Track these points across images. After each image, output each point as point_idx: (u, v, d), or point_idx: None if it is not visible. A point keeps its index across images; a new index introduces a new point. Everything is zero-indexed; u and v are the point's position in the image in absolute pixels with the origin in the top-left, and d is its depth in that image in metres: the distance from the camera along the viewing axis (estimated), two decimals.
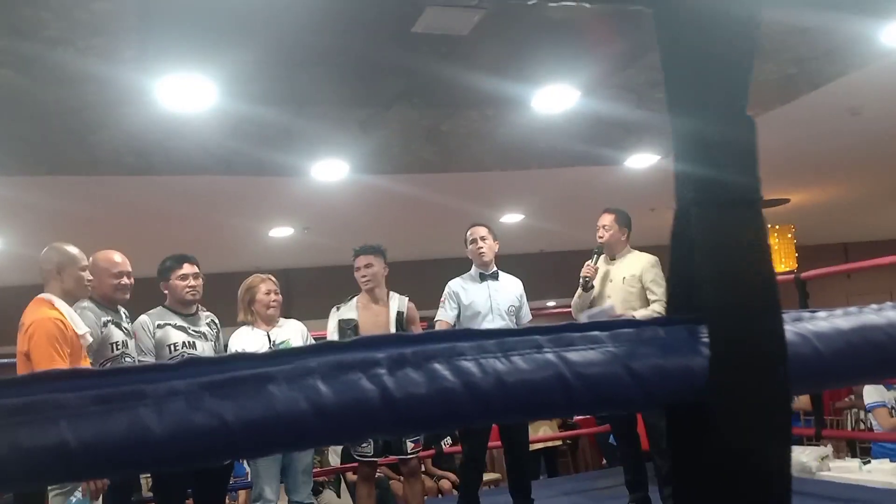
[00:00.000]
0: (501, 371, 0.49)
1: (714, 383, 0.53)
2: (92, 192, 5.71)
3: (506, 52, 4.20)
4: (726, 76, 0.55)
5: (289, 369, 0.46)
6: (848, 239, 11.76)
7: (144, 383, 0.44)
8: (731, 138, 0.55)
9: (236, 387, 0.45)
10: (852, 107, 5.59)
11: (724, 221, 0.55)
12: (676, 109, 0.58)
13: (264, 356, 0.47)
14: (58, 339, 3.16)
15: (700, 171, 0.55)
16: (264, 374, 0.46)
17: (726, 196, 0.54)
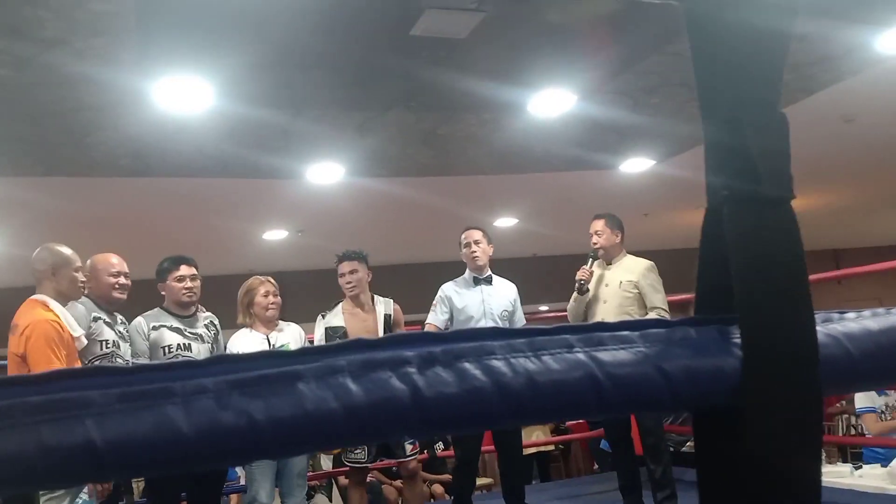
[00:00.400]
0: (532, 371, 0.48)
1: (747, 386, 0.52)
2: (87, 193, 5.68)
3: (503, 56, 4.20)
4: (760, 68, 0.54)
5: (318, 367, 0.45)
6: (839, 245, 11.82)
7: (172, 381, 0.42)
8: (765, 134, 0.54)
9: (265, 385, 0.44)
10: (846, 114, 5.62)
11: (757, 219, 0.54)
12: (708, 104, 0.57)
13: (293, 353, 0.46)
14: (55, 341, 3.14)
15: (733, 168, 0.55)
16: (293, 372, 0.45)
17: (760, 194, 0.53)
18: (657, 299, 4.30)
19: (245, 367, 0.44)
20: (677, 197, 7.75)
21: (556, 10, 3.63)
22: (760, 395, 0.52)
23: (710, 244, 0.58)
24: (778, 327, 0.53)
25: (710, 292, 0.58)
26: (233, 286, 6.48)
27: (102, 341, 3.53)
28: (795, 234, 0.55)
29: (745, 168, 0.54)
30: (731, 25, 0.55)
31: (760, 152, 0.54)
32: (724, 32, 0.55)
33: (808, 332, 0.54)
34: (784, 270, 0.54)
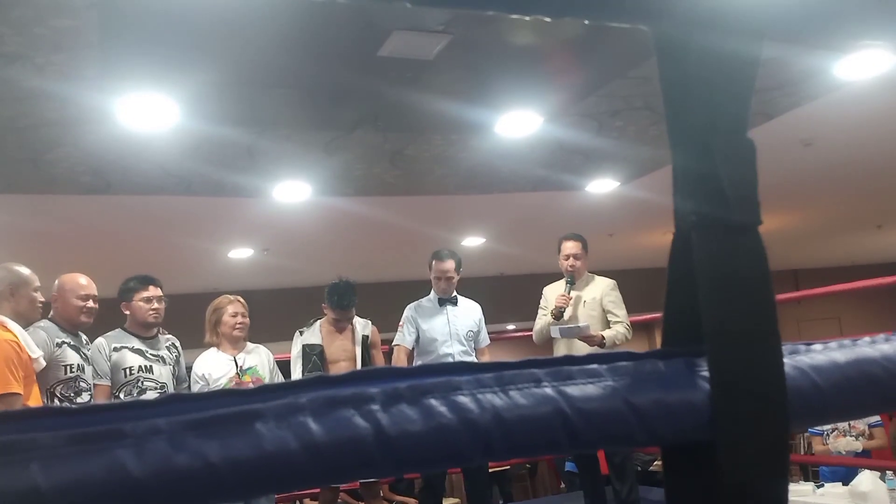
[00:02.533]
0: (500, 407, 0.47)
1: (718, 419, 0.52)
2: (47, 209, 5.57)
3: (470, 77, 4.22)
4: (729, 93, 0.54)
5: (277, 406, 0.43)
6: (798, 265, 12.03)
7: (123, 421, 0.40)
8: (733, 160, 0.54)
9: (222, 425, 0.42)
10: (805, 138, 5.74)
11: (725, 246, 0.53)
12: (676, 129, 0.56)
13: (251, 392, 0.44)
14: (13, 363, 3.07)
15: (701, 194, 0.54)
16: (251, 412, 0.43)
17: (728, 220, 0.53)
18: (620, 315, 4.37)
19: (201, 406, 0.43)
20: (641, 218, 7.84)
21: (523, 33, 3.66)
22: (731, 428, 0.52)
23: (678, 270, 0.57)
24: (746, 359, 0.53)
25: (678, 320, 0.58)
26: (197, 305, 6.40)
27: (66, 365, 3.46)
28: (763, 260, 0.54)
29: (713, 194, 0.54)
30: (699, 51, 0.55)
31: (729, 178, 0.54)
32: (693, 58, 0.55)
33: (775, 364, 0.53)
34: (751, 298, 0.54)
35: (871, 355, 0.58)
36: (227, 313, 3.98)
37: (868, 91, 4.72)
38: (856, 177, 6.95)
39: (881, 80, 4.55)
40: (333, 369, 4.18)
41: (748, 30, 0.54)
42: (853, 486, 4.29)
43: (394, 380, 0.47)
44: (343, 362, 4.22)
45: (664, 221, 8.13)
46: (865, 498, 4.18)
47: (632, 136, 5.30)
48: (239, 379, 3.97)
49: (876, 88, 4.67)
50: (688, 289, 0.55)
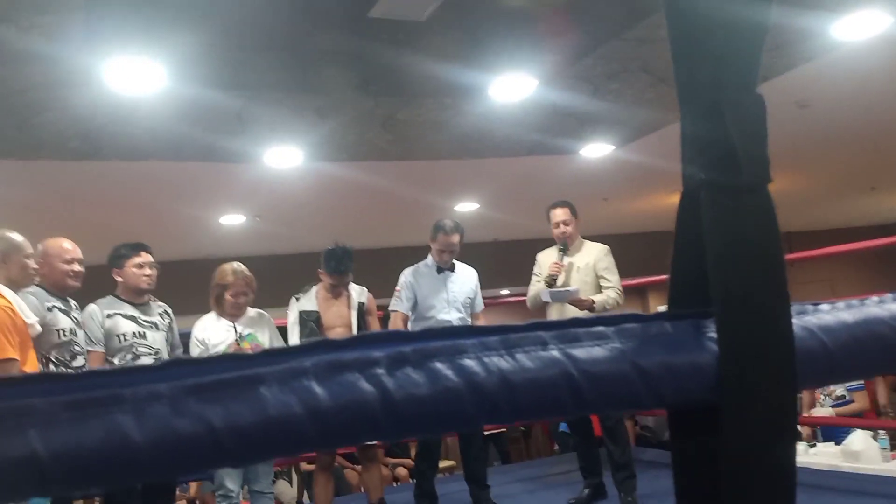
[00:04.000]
0: (506, 370, 0.46)
1: (723, 381, 0.51)
2: (35, 176, 5.51)
3: (463, 39, 4.16)
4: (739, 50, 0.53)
5: (281, 370, 0.42)
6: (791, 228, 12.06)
7: (122, 386, 0.39)
8: (743, 117, 0.52)
9: (224, 389, 0.41)
10: (801, 99, 5.70)
11: (734, 205, 0.52)
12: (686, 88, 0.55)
13: (254, 356, 0.43)
14: (8, 328, 3.07)
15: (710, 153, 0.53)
16: (254, 376, 0.42)
17: (737, 179, 0.52)
18: (613, 280, 4.37)
19: (202, 370, 0.41)
20: (636, 182, 7.82)
21: None
22: (737, 390, 0.51)
23: (686, 231, 0.56)
24: (754, 321, 0.52)
25: (686, 281, 0.57)
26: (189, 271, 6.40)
27: (59, 330, 3.45)
28: (773, 220, 0.53)
29: (723, 153, 0.52)
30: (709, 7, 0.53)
31: (739, 136, 0.52)
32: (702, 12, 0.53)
33: (784, 325, 0.52)
34: (761, 259, 0.53)
35: (880, 315, 0.57)
36: (230, 291, 3.98)
37: (864, 52, 4.69)
38: (851, 139, 6.94)
39: (878, 41, 4.51)
40: (330, 335, 4.18)
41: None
42: (846, 445, 4.34)
43: (399, 344, 0.46)
44: (339, 328, 4.22)
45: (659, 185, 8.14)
46: (858, 457, 4.23)
47: (627, 99, 5.26)
48: (237, 346, 3.98)
49: (873, 49, 4.63)
50: (695, 250, 0.54)
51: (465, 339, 0.47)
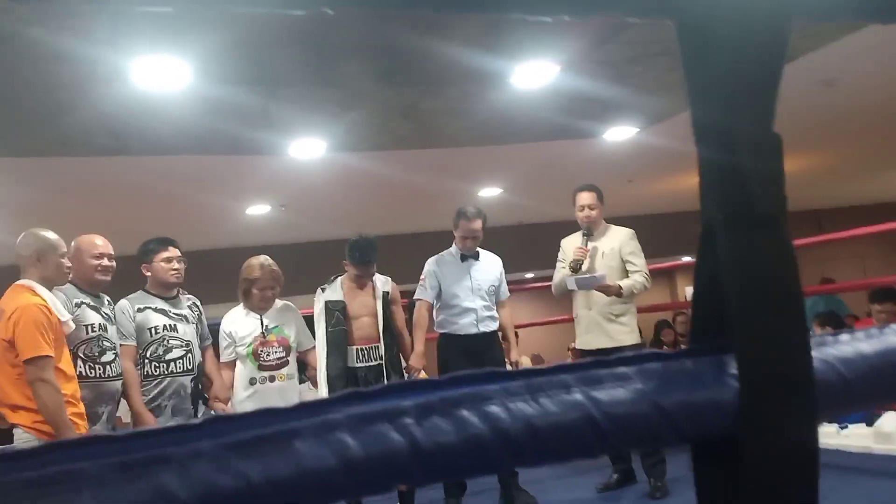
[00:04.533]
0: (530, 415, 0.48)
1: (744, 416, 0.52)
2: (64, 172, 5.60)
3: (484, 27, 4.15)
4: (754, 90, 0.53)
5: (314, 423, 0.45)
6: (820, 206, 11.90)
7: (167, 446, 0.42)
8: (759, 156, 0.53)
9: (262, 445, 0.43)
10: (827, 78, 5.62)
11: (751, 242, 0.53)
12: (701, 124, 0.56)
13: (290, 410, 0.46)
14: (44, 326, 3.13)
15: (726, 190, 0.54)
16: (290, 430, 0.44)
17: (754, 216, 0.53)
18: (639, 264, 4.36)
19: (241, 426, 0.44)
20: (661, 163, 7.76)
21: None
22: (758, 424, 0.52)
23: (705, 267, 0.57)
24: (774, 355, 0.53)
25: (706, 315, 0.58)
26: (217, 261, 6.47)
27: (87, 325, 3.51)
28: (790, 254, 0.54)
29: (739, 190, 0.53)
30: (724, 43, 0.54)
31: (754, 174, 0.53)
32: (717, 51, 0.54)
33: (803, 359, 0.54)
34: (778, 294, 0.54)
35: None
36: (257, 287, 4.04)
37: (891, 29, 4.60)
38: (878, 116, 6.82)
39: None
40: (356, 325, 4.23)
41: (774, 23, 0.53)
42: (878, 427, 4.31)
43: (426, 392, 0.47)
44: (365, 318, 4.26)
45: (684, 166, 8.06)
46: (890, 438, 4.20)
47: (650, 82, 5.22)
48: (264, 338, 4.03)
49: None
50: (715, 284, 0.55)
51: (489, 385, 0.49)
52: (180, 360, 3.82)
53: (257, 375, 4.01)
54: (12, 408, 3.21)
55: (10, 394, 3.20)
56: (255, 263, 4.10)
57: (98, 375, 3.52)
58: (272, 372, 4.03)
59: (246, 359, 4.02)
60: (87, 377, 3.47)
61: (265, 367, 4.02)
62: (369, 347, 4.22)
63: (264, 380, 4.01)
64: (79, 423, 3.26)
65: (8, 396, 3.21)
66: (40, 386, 3.10)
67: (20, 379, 3.16)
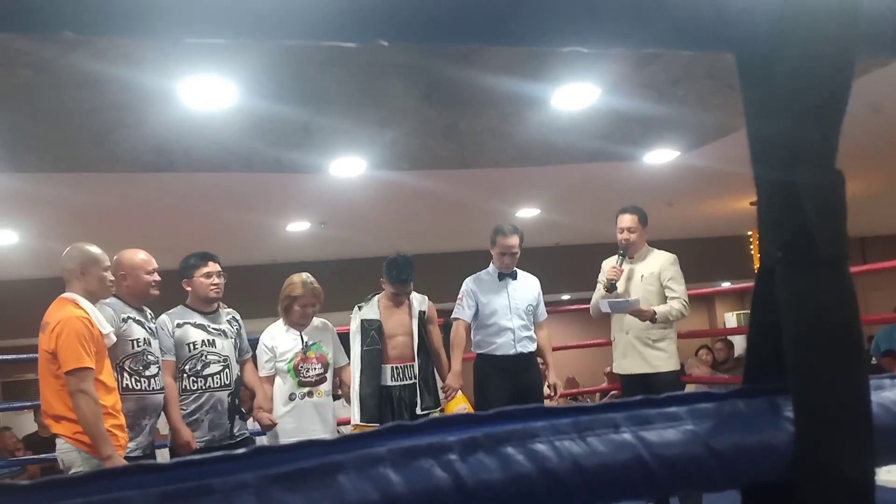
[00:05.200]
0: (578, 454, 0.47)
1: (799, 461, 0.51)
2: (111, 186, 5.72)
3: (526, 50, 4.15)
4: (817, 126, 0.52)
5: (358, 457, 0.44)
6: (865, 233, 11.66)
7: (212, 476, 0.42)
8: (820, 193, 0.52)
9: (305, 478, 0.43)
10: (873, 103, 5.52)
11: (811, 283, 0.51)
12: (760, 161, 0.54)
13: (333, 442, 0.45)
14: (85, 338, 3.19)
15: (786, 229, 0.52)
16: (333, 464, 0.44)
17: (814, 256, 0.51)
18: (678, 290, 4.30)
19: (285, 458, 0.43)
20: (702, 187, 7.68)
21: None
22: (813, 470, 0.50)
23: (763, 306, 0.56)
24: (832, 399, 0.51)
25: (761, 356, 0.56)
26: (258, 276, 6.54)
27: (133, 340, 3.57)
28: (851, 297, 0.53)
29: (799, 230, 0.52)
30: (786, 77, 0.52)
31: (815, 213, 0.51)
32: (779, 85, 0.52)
33: (862, 403, 0.52)
34: (839, 337, 0.52)
35: None
36: (298, 303, 4.09)
37: None
38: None
39: None
40: (391, 343, 4.24)
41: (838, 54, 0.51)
42: None
43: (471, 427, 0.47)
44: (401, 336, 4.27)
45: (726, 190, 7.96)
46: None
47: (693, 104, 5.17)
48: (304, 355, 4.08)
49: None
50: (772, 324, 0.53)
51: (536, 422, 0.48)
52: (218, 374, 3.86)
53: (297, 391, 4.04)
54: (55, 418, 3.27)
55: (54, 404, 3.26)
56: (298, 281, 4.14)
57: (143, 388, 3.57)
58: (311, 388, 4.06)
59: (286, 374, 4.06)
60: (132, 390, 3.53)
61: (305, 382, 4.05)
62: (404, 366, 4.22)
63: (303, 395, 4.04)
64: (118, 434, 3.30)
65: (51, 407, 3.27)
66: (80, 397, 3.15)
67: (63, 390, 3.22)
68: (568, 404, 0.54)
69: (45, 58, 3.53)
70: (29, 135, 4.55)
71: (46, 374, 3.27)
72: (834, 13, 0.54)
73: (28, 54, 3.48)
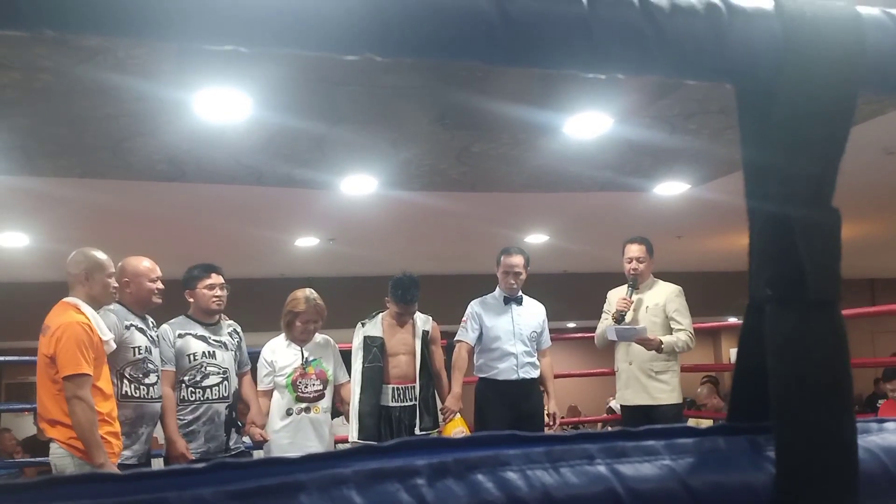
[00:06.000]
0: (549, 485, 0.46)
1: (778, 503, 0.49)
2: (123, 193, 5.75)
3: (541, 78, 4.16)
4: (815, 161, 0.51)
5: (321, 477, 0.43)
6: (875, 275, 11.58)
7: (169, 490, 0.40)
8: (815, 231, 0.50)
9: (265, 496, 0.41)
10: (888, 146, 5.51)
11: (801, 323, 0.50)
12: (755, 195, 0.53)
13: (296, 461, 0.44)
14: (84, 344, 3.19)
15: (778, 267, 0.51)
16: (295, 483, 0.42)
17: (805, 296, 0.50)
18: (684, 322, 4.28)
19: (246, 475, 0.42)
20: (712, 221, 7.65)
21: None
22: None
23: (749, 343, 0.54)
24: (816, 442, 0.50)
25: (746, 393, 0.55)
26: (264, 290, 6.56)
27: (134, 348, 3.58)
28: (842, 339, 0.51)
29: (791, 268, 0.50)
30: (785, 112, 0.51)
31: (808, 251, 0.50)
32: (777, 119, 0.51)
33: (848, 448, 0.50)
34: (826, 379, 0.51)
35: None
36: (301, 319, 4.08)
37: None
38: None
39: None
40: (393, 362, 4.23)
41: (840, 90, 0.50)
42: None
43: (441, 451, 0.46)
44: (403, 356, 4.26)
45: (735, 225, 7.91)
46: None
47: (705, 138, 5.17)
48: (303, 370, 4.06)
49: None
50: (758, 362, 0.52)
51: (508, 450, 0.46)
52: (217, 386, 3.85)
53: (294, 406, 4.03)
54: (51, 422, 3.26)
55: (50, 408, 3.26)
56: (301, 296, 4.14)
57: (142, 396, 3.57)
58: (309, 404, 4.04)
59: (284, 389, 4.04)
60: (131, 397, 3.53)
61: (303, 398, 4.03)
62: (405, 387, 4.21)
63: (300, 411, 4.02)
64: (112, 441, 3.29)
65: (47, 411, 3.27)
66: (76, 403, 3.15)
67: (60, 395, 3.21)
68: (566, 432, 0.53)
69: (65, 64, 3.56)
70: (45, 139, 4.59)
71: (44, 377, 3.27)
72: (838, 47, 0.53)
73: (48, 60, 3.52)
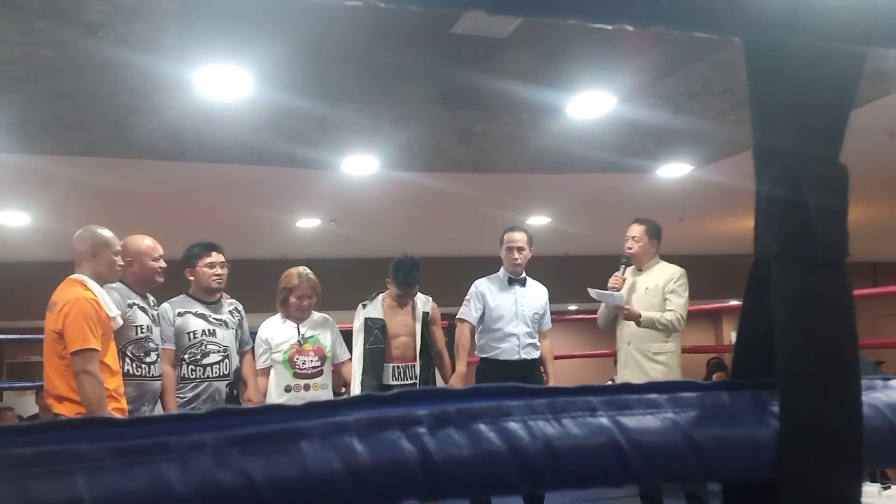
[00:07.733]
0: (551, 435, 0.45)
1: (783, 459, 0.49)
2: (124, 172, 5.74)
3: (544, 56, 4.14)
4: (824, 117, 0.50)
5: (323, 424, 0.43)
6: (877, 258, 11.57)
7: (169, 435, 0.40)
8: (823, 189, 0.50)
9: (266, 442, 0.41)
10: (892, 129, 5.48)
11: (808, 281, 0.49)
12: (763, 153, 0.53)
13: (298, 409, 0.44)
14: (92, 320, 3.20)
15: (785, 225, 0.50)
16: (296, 430, 0.42)
17: (813, 254, 0.49)
18: (676, 303, 4.24)
19: (246, 421, 0.42)
20: (715, 203, 7.63)
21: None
22: (798, 469, 0.49)
23: (755, 301, 0.54)
24: (821, 398, 0.50)
25: (750, 351, 0.54)
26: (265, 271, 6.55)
27: (137, 326, 3.58)
28: (848, 298, 0.51)
29: (798, 226, 0.50)
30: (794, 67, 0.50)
31: (817, 209, 0.49)
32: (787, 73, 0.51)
33: (852, 405, 0.50)
34: (833, 337, 0.50)
35: None
36: (295, 295, 4.07)
37: None
38: None
39: None
40: (394, 343, 4.23)
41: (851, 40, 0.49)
42: None
43: (443, 402, 0.45)
44: (403, 337, 4.26)
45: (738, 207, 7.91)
46: None
47: (709, 119, 5.14)
48: (300, 346, 4.06)
49: None
50: (763, 320, 0.51)
51: (511, 401, 0.46)
52: (217, 364, 3.85)
53: (292, 383, 4.03)
54: (58, 398, 3.27)
55: (57, 384, 3.27)
56: (294, 273, 4.14)
57: (143, 374, 3.58)
58: (307, 380, 4.04)
59: (281, 365, 4.04)
60: (133, 375, 3.54)
61: (300, 374, 4.03)
62: (405, 366, 4.21)
63: (299, 388, 4.02)
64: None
65: (54, 387, 3.28)
66: (84, 378, 3.15)
67: (67, 370, 3.22)
68: None
69: (65, 40, 3.54)
70: (46, 116, 4.57)
71: (51, 354, 3.28)
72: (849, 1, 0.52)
73: (49, 34, 3.50)
